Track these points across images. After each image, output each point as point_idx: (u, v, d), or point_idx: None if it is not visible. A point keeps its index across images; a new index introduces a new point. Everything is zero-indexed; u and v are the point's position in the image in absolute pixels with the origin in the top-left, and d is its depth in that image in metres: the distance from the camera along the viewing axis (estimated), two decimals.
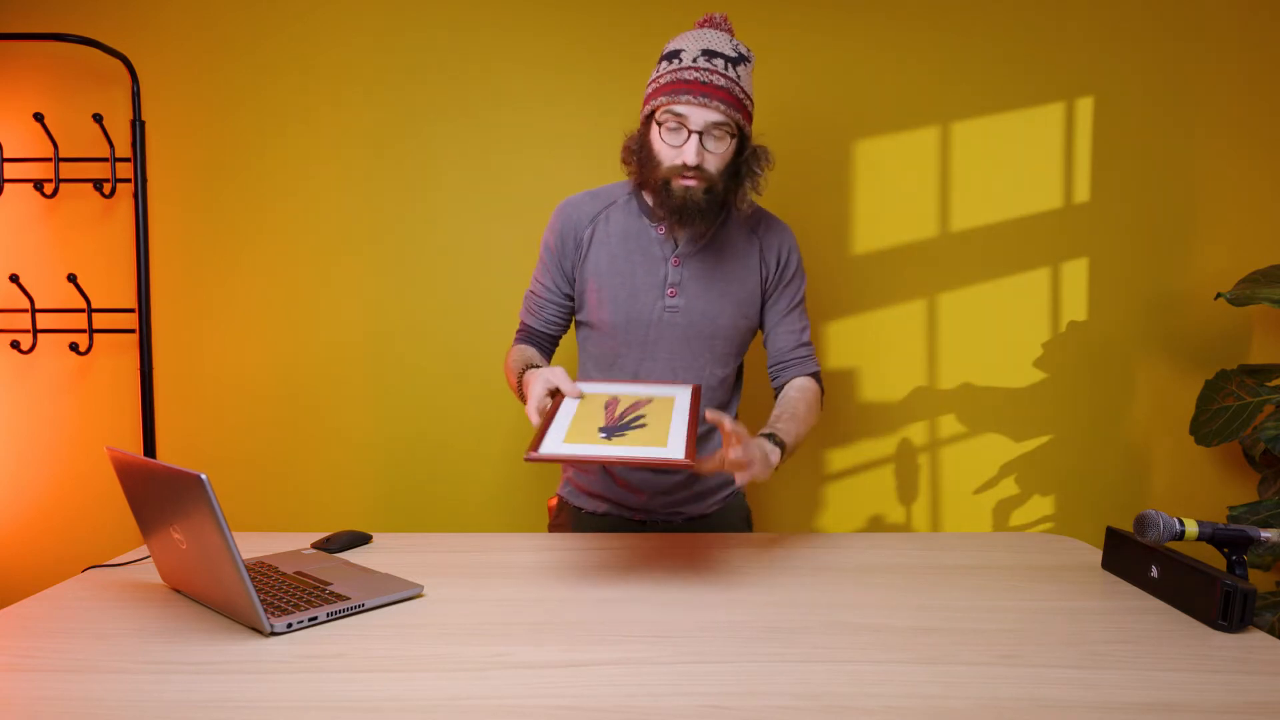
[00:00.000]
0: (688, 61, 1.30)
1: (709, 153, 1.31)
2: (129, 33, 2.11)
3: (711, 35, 1.33)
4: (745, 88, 1.34)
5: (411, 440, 2.20)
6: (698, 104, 1.28)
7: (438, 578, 1.20)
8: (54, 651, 0.95)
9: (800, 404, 1.43)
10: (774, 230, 1.48)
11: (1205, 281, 2.12)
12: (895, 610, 1.08)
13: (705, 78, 1.29)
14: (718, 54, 1.31)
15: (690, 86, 1.29)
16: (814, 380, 1.50)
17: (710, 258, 1.43)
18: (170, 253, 2.17)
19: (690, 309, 1.43)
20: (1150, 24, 2.08)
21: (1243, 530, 1.06)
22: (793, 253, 1.49)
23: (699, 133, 1.29)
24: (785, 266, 1.48)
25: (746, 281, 1.46)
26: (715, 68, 1.30)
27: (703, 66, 1.29)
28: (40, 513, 2.22)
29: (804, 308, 1.52)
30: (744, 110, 1.33)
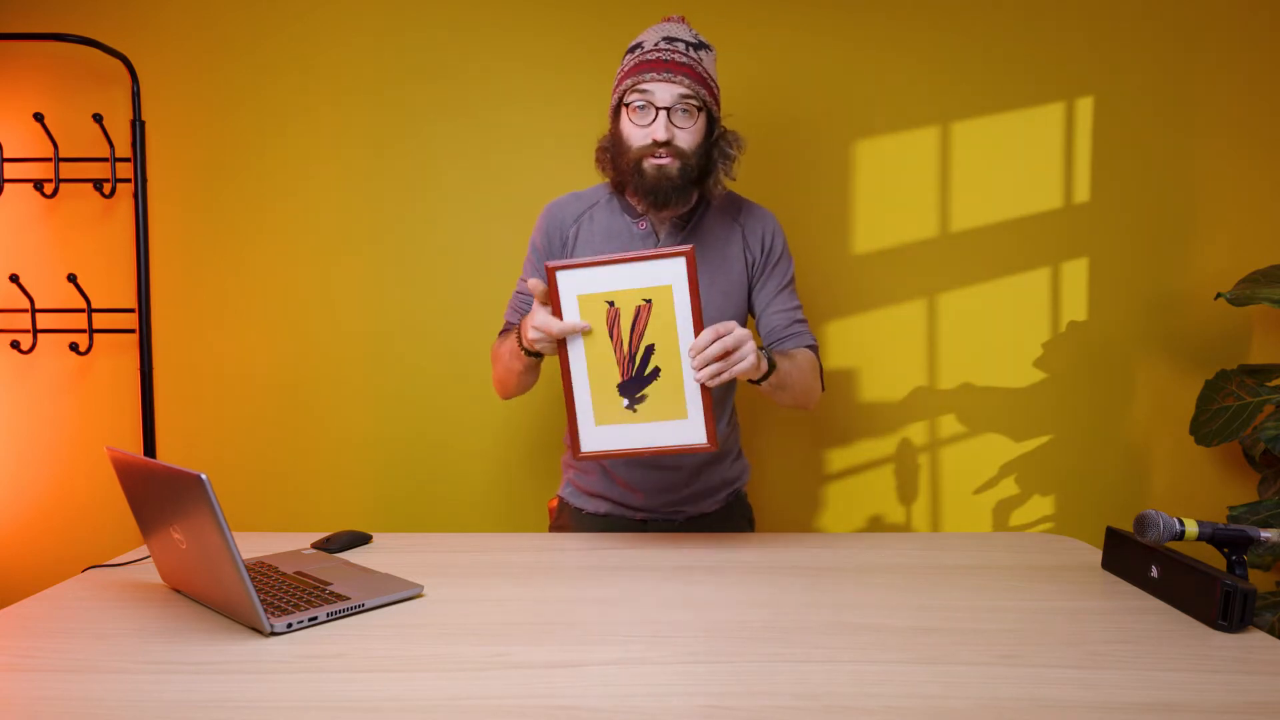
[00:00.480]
0: (649, 47, 1.36)
1: (678, 128, 1.34)
2: (129, 33, 2.11)
3: (671, 26, 1.38)
4: (708, 70, 1.37)
5: (412, 440, 2.20)
6: (662, 80, 1.32)
7: (438, 578, 1.20)
8: (54, 651, 0.95)
9: (800, 356, 1.41)
10: (755, 216, 1.49)
11: (1205, 281, 2.12)
12: (895, 610, 1.08)
13: (668, 56, 1.33)
14: (678, 39, 1.36)
15: (654, 65, 1.33)
16: (810, 352, 1.48)
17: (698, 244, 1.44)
18: (170, 253, 2.17)
19: None
20: (1150, 24, 2.08)
21: (1243, 530, 1.06)
22: (776, 236, 1.49)
23: (666, 109, 1.32)
24: (770, 250, 1.48)
25: (731, 270, 1.46)
26: (676, 49, 1.34)
27: (664, 49, 1.34)
28: (40, 513, 2.22)
29: (794, 289, 1.52)
30: (709, 89, 1.36)
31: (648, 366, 1.19)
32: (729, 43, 2.10)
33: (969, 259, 2.14)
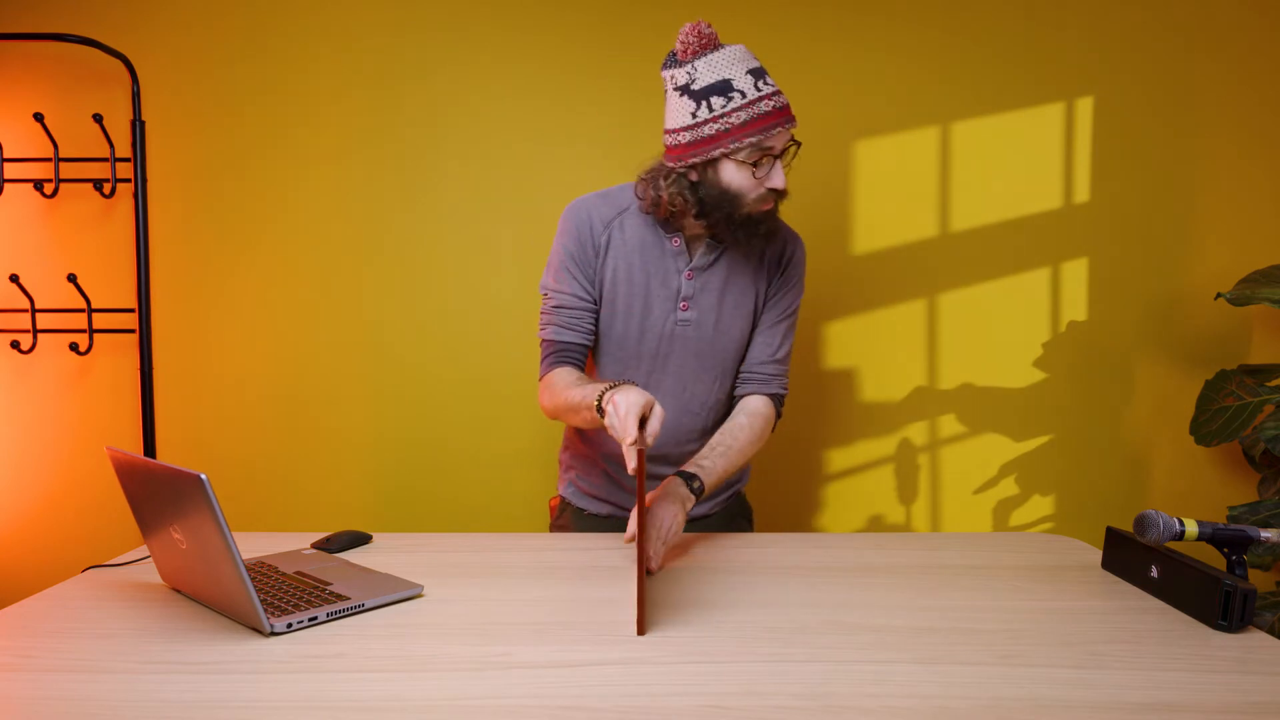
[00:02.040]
0: (752, 93, 1.25)
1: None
2: (129, 33, 2.11)
3: (738, 54, 1.28)
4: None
5: (412, 440, 2.20)
6: (787, 129, 1.28)
7: (438, 578, 1.20)
8: (54, 651, 0.95)
9: (743, 433, 1.43)
10: (784, 238, 1.46)
11: (1205, 281, 2.12)
12: (895, 610, 1.08)
13: (780, 102, 1.27)
14: (760, 71, 1.28)
15: (779, 116, 1.26)
16: (770, 404, 1.48)
17: (722, 270, 1.41)
18: (170, 253, 2.17)
19: (702, 322, 1.42)
20: (1150, 24, 2.08)
21: (1243, 530, 1.06)
22: (797, 263, 1.46)
23: (778, 156, 1.29)
24: (788, 274, 1.45)
25: (751, 290, 1.44)
26: (772, 87, 1.27)
27: (771, 92, 1.26)
28: (40, 513, 2.22)
29: (792, 323, 1.48)
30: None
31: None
32: (728, 42, 2.10)
33: (969, 259, 2.14)
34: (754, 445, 1.45)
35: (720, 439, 1.42)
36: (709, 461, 1.37)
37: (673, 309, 1.41)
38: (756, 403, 1.47)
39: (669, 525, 1.24)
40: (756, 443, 1.45)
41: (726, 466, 1.39)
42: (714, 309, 1.42)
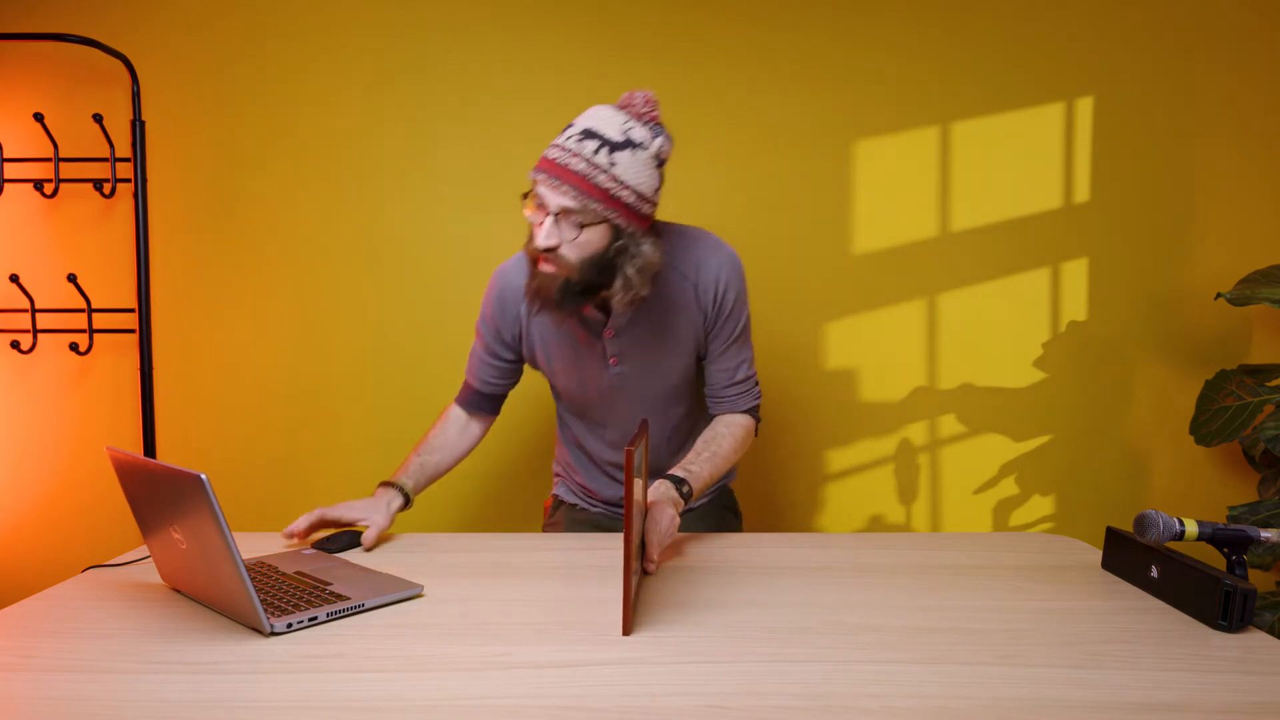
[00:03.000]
0: (561, 138, 1.23)
1: (567, 240, 1.22)
2: (129, 33, 2.11)
3: (606, 115, 1.23)
4: (621, 175, 1.20)
5: (411, 440, 2.20)
6: (548, 185, 1.21)
7: (438, 578, 1.20)
8: (54, 651, 0.95)
9: (725, 441, 1.43)
10: (708, 267, 1.37)
11: (1205, 281, 2.12)
12: (895, 610, 1.08)
13: (564, 159, 1.20)
14: (596, 136, 1.20)
15: (547, 165, 1.21)
16: (746, 415, 1.49)
17: (645, 319, 1.37)
18: (170, 253, 2.17)
19: (637, 373, 1.42)
20: (1150, 24, 2.08)
21: (1243, 530, 1.06)
22: (730, 288, 1.38)
23: (555, 215, 1.21)
24: (721, 305, 1.39)
25: (686, 332, 1.40)
26: (582, 151, 1.19)
27: (569, 147, 1.20)
28: (40, 513, 2.22)
29: (745, 340, 1.46)
30: (609, 199, 1.20)
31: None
32: (729, 42, 2.10)
33: (969, 259, 2.14)
34: (737, 451, 1.46)
35: (705, 445, 1.42)
36: (696, 466, 1.37)
37: (603, 366, 1.42)
38: (731, 416, 1.48)
39: (665, 527, 1.24)
40: (740, 448, 1.46)
41: (713, 471, 1.39)
42: (645, 357, 1.41)
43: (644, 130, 1.23)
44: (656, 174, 1.26)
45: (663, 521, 1.23)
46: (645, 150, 1.22)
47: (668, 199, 2.13)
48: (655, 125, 1.24)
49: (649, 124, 1.24)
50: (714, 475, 1.40)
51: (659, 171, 1.26)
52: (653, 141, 1.23)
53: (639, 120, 1.23)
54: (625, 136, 1.21)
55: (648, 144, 1.22)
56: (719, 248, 1.40)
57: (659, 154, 1.24)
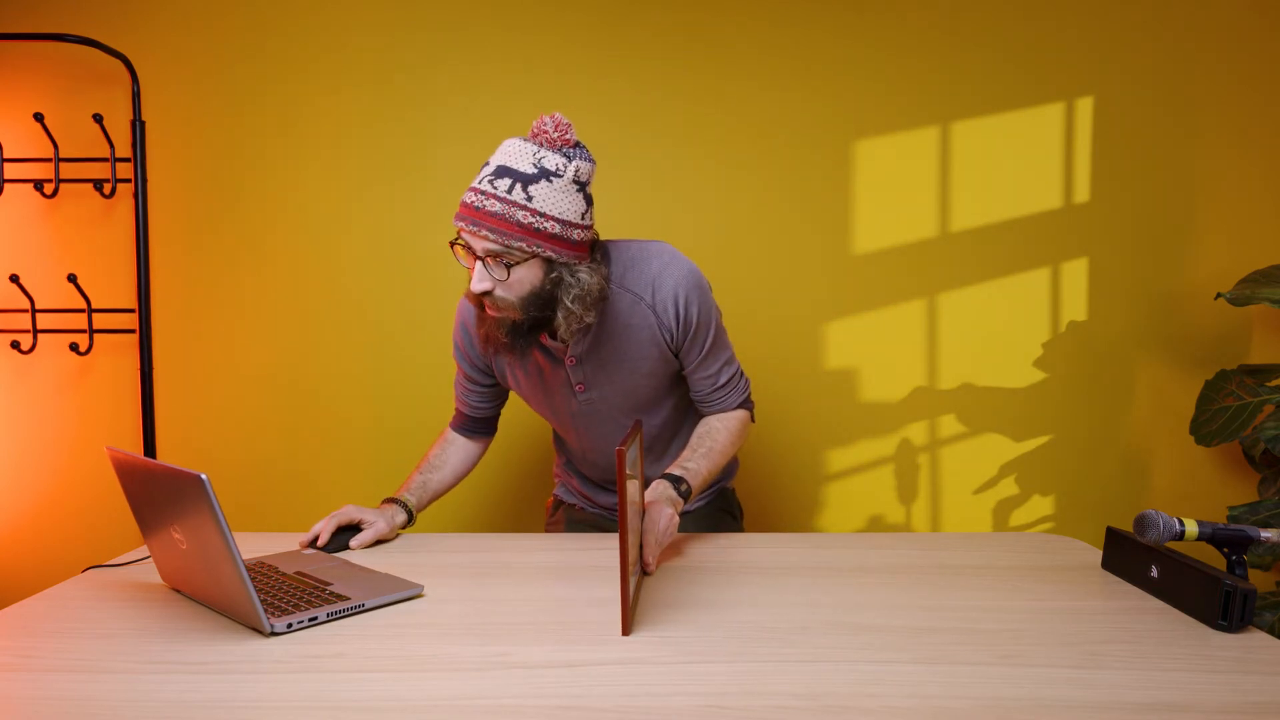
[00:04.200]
0: (477, 180, 1.22)
1: (499, 280, 1.21)
2: (129, 33, 2.11)
3: (517, 149, 1.21)
4: (541, 208, 1.19)
5: (411, 440, 2.20)
6: (469, 230, 1.20)
7: (438, 578, 1.20)
8: (54, 651, 0.95)
9: (720, 435, 1.44)
10: (664, 287, 1.33)
11: (1205, 281, 2.12)
12: (895, 610, 1.08)
13: (479, 202, 1.19)
14: (509, 172, 1.19)
15: (466, 210, 1.21)
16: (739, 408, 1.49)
17: (605, 344, 1.36)
18: (170, 253, 2.17)
19: (603, 397, 1.42)
20: (1150, 24, 2.08)
21: (1243, 530, 1.06)
22: (690, 304, 1.34)
23: (482, 259, 1.21)
24: (686, 322, 1.35)
25: (649, 351, 1.37)
26: (497, 190, 1.19)
27: (482, 189, 1.20)
28: (40, 513, 2.22)
29: (720, 345, 1.43)
30: (532, 233, 1.19)
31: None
32: (729, 42, 2.10)
33: (969, 259, 2.14)
34: (734, 443, 1.46)
35: (700, 441, 1.42)
36: (693, 464, 1.37)
37: (570, 394, 1.42)
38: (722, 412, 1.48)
39: (664, 527, 1.24)
40: (736, 440, 1.47)
41: (710, 467, 1.39)
42: (611, 381, 1.40)
43: (557, 157, 1.21)
44: (580, 198, 1.23)
45: (660, 522, 1.23)
46: (561, 177, 1.20)
47: (668, 198, 2.14)
48: (569, 149, 1.22)
49: (562, 149, 1.21)
50: (712, 470, 1.40)
51: (582, 195, 1.23)
52: (568, 167, 1.21)
53: (551, 148, 1.21)
54: (538, 167, 1.19)
55: (563, 170, 1.20)
56: (673, 263, 1.35)
57: (577, 178, 1.22)
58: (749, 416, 1.51)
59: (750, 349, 2.16)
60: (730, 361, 1.46)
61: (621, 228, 2.14)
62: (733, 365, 1.47)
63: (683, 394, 1.51)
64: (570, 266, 1.24)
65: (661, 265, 1.34)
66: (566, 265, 1.24)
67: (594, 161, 1.26)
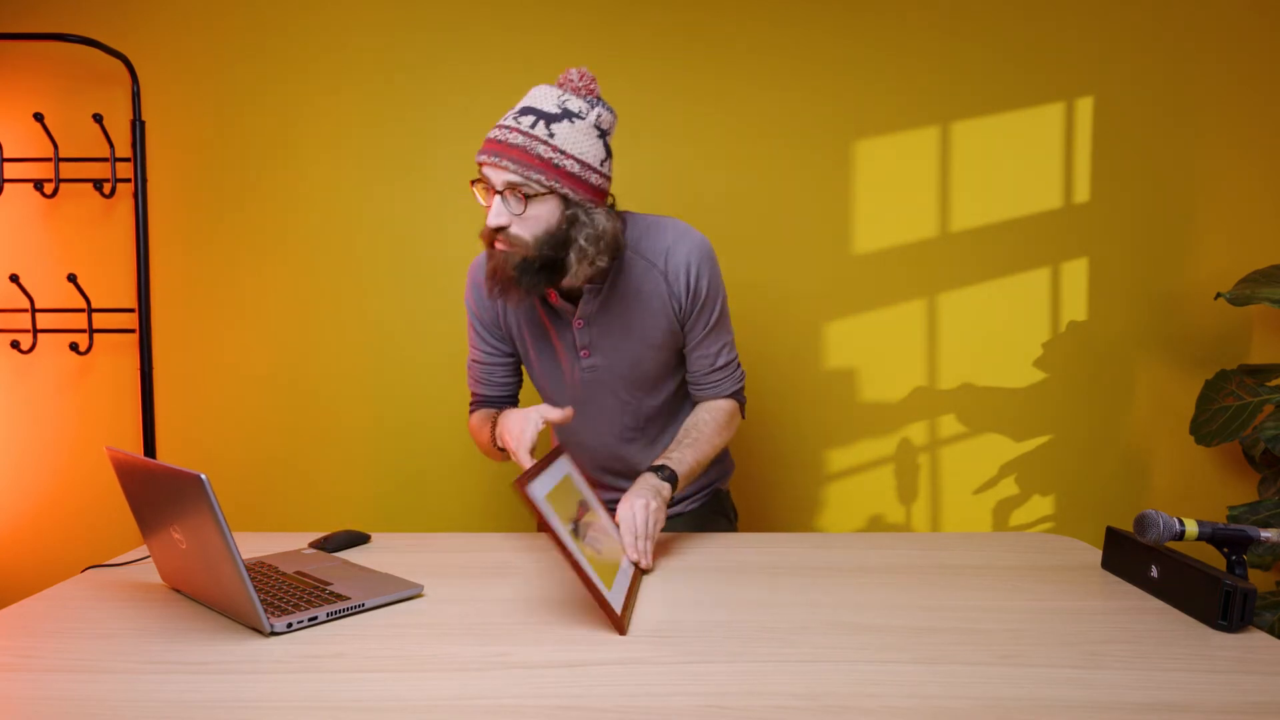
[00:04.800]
0: (502, 119, 1.24)
1: (517, 216, 1.22)
2: (129, 33, 2.11)
3: (543, 92, 1.25)
4: (561, 145, 1.21)
5: (411, 440, 2.20)
6: (490, 162, 1.21)
7: (438, 578, 1.20)
8: (54, 651, 0.95)
9: (708, 426, 1.43)
10: (677, 255, 1.35)
11: (1205, 281, 2.12)
12: (895, 610, 1.08)
13: (503, 135, 1.21)
14: (533, 111, 1.23)
15: (488, 145, 1.23)
16: (729, 399, 1.48)
17: (615, 308, 1.36)
18: (170, 253, 2.17)
19: (608, 365, 1.40)
20: (1150, 24, 2.08)
21: (1243, 530, 1.06)
22: (701, 274, 1.35)
23: (500, 193, 1.22)
24: (695, 291, 1.36)
25: (659, 321, 1.37)
26: (521, 125, 1.21)
27: (508, 124, 1.22)
28: (40, 513, 2.22)
29: (723, 324, 1.43)
30: (552, 169, 1.21)
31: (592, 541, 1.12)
32: (729, 42, 2.10)
33: (969, 259, 2.14)
34: (721, 434, 1.44)
35: (685, 433, 1.42)
36: (677, 452, 1.37)
37: (575, 359, 1.41)
38: (714, 401, 1.47)
39: (642, 520, 1.22)
40: (723, 431, 1.45)
41: (696, 456, 1.38)
42: (617, 349, 1.39)
43: (581, 102, 1.25)
44: (600, 144, 1.26)
45: (629, 517, 1.22)
46: (583, 120, 1.24)
47: (668, 198, 2.14)
48: (593, 98, 1.26)
49: (586, 97, 1.26)
50: (699, 459, 1.39)
51: (602, 142, 1.27)
52: (591, 111, 1.24)
53: (576, 94, 1.25)
54: (562, 108, 1.23)
55: (585, 114, 1.24)
56: (687, 234, 1.37)
57: (598, 123, 1.25)
58: (739, 410, 1.50)
59: (750, 349, 2.16)
60: (730, 346, 1.46)
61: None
62: (731, 351, 1.47)
63: (683, 381, 1.50)
64: (585, 207, 1.25)
65: (676, 235, 1.37)
66: (582, 206, 1.25)
67: (616, 116, 1.29)
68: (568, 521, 1.07)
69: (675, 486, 1.32)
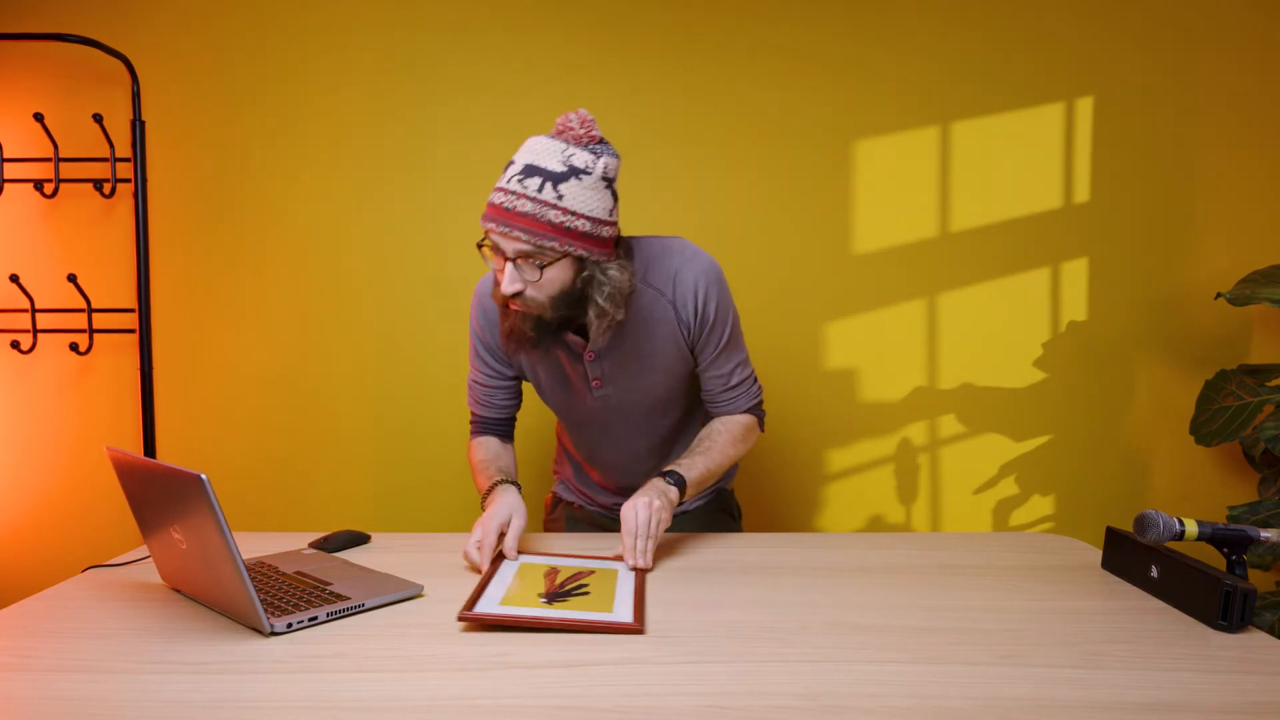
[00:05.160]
0: (504, 180, 1.20)
1: (530, 281, 1.20)
2: (129, 33, 2.11)
3: (544, 146, 1.20)
4: (572, 206, 1.18)
5: (411, 440, 2.20)
6: (500, 232, 1.19)
7: (438, 578, 1.20)
8: (54, 651, 0.95)
9: (722, 436, 1.41)
10: (685, 283, 1.33)
11: (1205, 281, 2.12)
12: (895, 610, 1.08)
13: (510, 203, 1.18)
14: (538, 171, 1.18)
15: (495, 211, 1.19)
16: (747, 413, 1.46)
17: (625, 339, 1.34)
18: (170, 253, 2.17)
19: (620, 393, 1.40)
20: (1150, 24, 2.08)
21: (1243, 530, 1.06)
22: (709, 299, 1.33)
23: (513, 260, 1.20)
24: (704, 318, 1.34)
25: (669, 347, 1.36)
26: (527, 190, 1.17)
27: (511, 189, 1.18)
28: (40, 513, 2.22)
29: (735, 344, 1.41)
30: (564, 233, 1.18)
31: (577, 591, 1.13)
32: (729, 42, 2.10)
33: (969, 259, 2.14)
34: (735, 444, 1.42)
35: (699, 442, 1.41)
36: (688, 459, 1.36)
37: (588, 388, 1.40)
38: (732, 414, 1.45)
39: (645, 517, 1.22)
40: (738, 443, 1.43)
41: (707, 464, 1.37)
42: (628, 378, 1.38)
43: (586, 154, 1.20)
44: (608, 195, 1.23)
45: (631, 517, 1.22)
46: (591, 175, 1.19)
47: (668, 198, 2.14)
48: (596, 145, 1.21)
49: (589, 146, 1.21)
50: (710, 468, 1.37)
51: (610, 191, 1.23)
52: (597, 163, 1.20)
53: (578, 145, 1.20)
54: (568, 165, 1.18)
55: (592, 168, 1.20)
56: (694, 258, 1.34)
57: (605, 174, 1.21)
58: (757, 423, 1.48)
59: (751, 349, 2.15)
60: (744, 364, 1.44)
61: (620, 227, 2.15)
62: (746, 368, 1.45)
63: (696, 397, 1.50)
64: (600, 264, 1.23)
65: (683, 260, 1.34)
66: (597, 263, 1.23)
67: (619, 157, 1.26)
68: (541, 597, 1.08)
69: (684, 492, 1.32)
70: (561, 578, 1.18)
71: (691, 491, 1.34)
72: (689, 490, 1.33)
